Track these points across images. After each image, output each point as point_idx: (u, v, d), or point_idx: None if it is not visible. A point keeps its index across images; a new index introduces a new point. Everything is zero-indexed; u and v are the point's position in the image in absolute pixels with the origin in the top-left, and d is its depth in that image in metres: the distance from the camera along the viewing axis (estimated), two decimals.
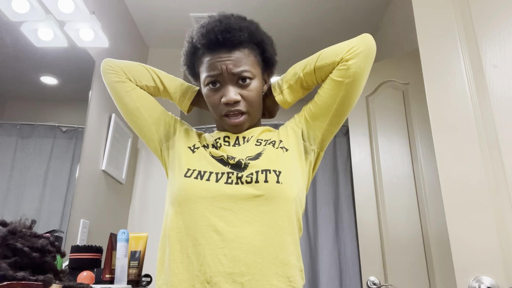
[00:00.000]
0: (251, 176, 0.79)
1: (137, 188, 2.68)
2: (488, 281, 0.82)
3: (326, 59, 0.89)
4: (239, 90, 0.86)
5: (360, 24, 2.73)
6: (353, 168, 2.17)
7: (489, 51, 0.94)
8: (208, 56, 0.86)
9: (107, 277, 1.41)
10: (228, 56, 0.84)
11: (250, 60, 0.87)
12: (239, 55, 0.85)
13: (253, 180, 0.79)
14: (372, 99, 2.19)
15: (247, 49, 0.87)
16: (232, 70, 0.84)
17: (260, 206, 0.77)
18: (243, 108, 0.87)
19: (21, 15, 1.46)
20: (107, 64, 0.96)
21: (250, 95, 0.86)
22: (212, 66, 0.85)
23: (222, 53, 0.85)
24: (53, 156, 1.64)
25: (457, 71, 0.99)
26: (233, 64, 0.84)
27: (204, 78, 0.88)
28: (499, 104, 0.90)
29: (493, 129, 0.90)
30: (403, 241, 1.85)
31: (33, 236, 0.61)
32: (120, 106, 0.96)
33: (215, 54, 0.85)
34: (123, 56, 2.49)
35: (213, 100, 0.87)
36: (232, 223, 0.76)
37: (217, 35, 0.84)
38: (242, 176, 0.80)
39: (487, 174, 0.89)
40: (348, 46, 0.87)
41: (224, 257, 0.74)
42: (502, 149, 0.88)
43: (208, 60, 0.86)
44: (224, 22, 0.86)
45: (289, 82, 0.95)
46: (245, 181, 0.79)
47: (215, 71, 0.85)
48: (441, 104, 0.99)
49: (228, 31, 0.84)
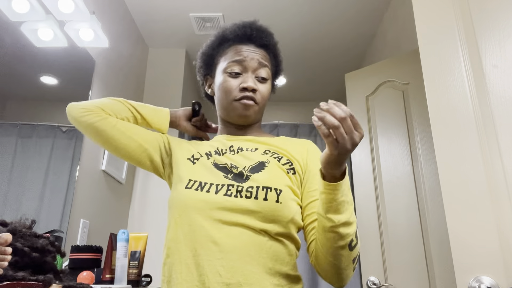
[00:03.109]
0: (251, 191, 0.80)
1: (137, 188, 2.68)
2: (488, 281, 0.82)
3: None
4: (257, 83, 0.91)
5: (360, 24, 2.73)
6: (353, 168, 2.17)
7: (489, 51, 0.94)
8: (236, 45, 0.93)
9: (107, 277, 1.41)
10: (255, 49, 0.93)
11: (270, 64, 0.96)
12: (264, 54, 0.94)
13: (252, 196, 0.79)
14: (372, 99, 2.19)
15: (270, 55, 0.97)
16: (257, 59, 0.91)
17: (256, 223, 0.78)
18: (257, 98, 0.91)
19: (21, 15, 1.46)
20: (78, 108, 0.93)
21: (264, 90, 0.92)
22: (239, 53, 0.91)
23: (250, 46, 0.93)
24: (53, 156, 1.64)
25: (457, 71, 0.99)
26: (259, 59, 0.92)
27: (226, 64, 0.92)
28: (499, 104, 0.90)
29: (493, 129, 0.90)
30: (403, 241, 1.85)
31: (33, 236, 0.61)
32: (110, 145, 0.91)
33: (244, 46, 0.93)
34: (123, 56, 2.49)
35: (230, 85, 0.90)
36: (230, 234, 0.77)
37: (252, 31, 0.93)
38: (242, 190, 0.80)
39: (487, 174, 0.89)
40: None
41: (222, 268, 0.75)
42: (502, 149, 0.88)
43: (236, 48, 0.92)
44: (259, 24, 0.96)
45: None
46: (245, 196, 0.79)
47: (240, 57, 0.91)
48: (441, 104, 0.99)
49: (262, 31, 0.94)
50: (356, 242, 0.74)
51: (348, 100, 2.31)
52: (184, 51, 3.05)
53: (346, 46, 3.01)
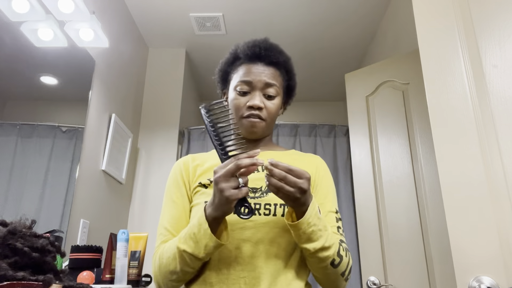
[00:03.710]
0: (269, 209, 0.86)
1: (137, 188, 2.68)
2: (488, 281, 0.82)
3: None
4: (264, 100, 0.96)
5: (360, 24, 2.73)
6: (353, 168, 2.17)
7: (489, 51, 0.94)
8: (246, 65, 0.98)
9: (107, 277, 1.41)
10: (263, 69, 0.97)
11: (279, 81, 0.99)
12: (273, 72, 0.98)
13: (271, 213, 0.86)
14: (372, 99, 2.19)
15: (279, 71, 1.00)
16: (263, 80, 0.96)
17: (275, 237, 0.85)
18: (263, 115, 0.95)
19: (21, 15, 1.45)
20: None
21: (271, 107, 0.97)
22: (248, 73, 0.97)
23: (259, 65, 0.98)
24: (53, 156, 1.64)
25: (457, 71, 0.99)
26: (266, 76, 0.96)
27: (236, 82, 0.98)
28: (499, 104, 0.90)
29: (493, 129, 0.90)
30: (403, 241, 1.85)
31: (33, 236, 0.61)
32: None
33: (253, 65, 0.98)
34: (123, 56, 2.49)
35: (239, 103, 0.96)
36: (251, 254, 0.84)
37: (261, 50, 0.98)
38: (260, 208, 0.86)
39: (487, 174, 0.89)
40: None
41: (245, 286, 0.82)
42: (502, 149, 0.88)
43: (245, 68, 0.98)
44: (268, 42, 1.00)
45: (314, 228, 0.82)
46: (263, 213, 0.86)
47: (249, 77, 0.96)
48: (441, 104, 0.99)
49: (270, 50, 0.98)
50: (339, 260, 0.82)
51: (348, 100, 2.31)
52: (184, 51, 3.05)
53: (346, 46, 3.01)
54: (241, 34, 2.85)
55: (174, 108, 2.91)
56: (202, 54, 3.13)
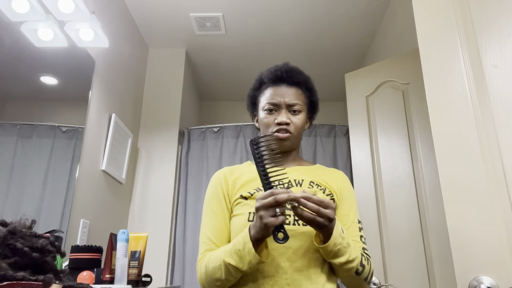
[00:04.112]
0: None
1: (137, 188, 2.68)
2: (488, 281, 0.82)
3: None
4: (290, 116, 1.09)
5: (360, 24, 2.73)
6: (353, 168, 2.17)
7: (489, 51, 0.94)
8: (271, 88, 1.12)
9: (107, 277, 1.41)
10: (286, 89, 1.10)
11: (301, 98, 1.12)
12: (295, 91, 1.11)
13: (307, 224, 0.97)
14: (372, 99, 2.19)
15: (301, 90, 1.13)
16: (287, 100, 1.09)
17: (311, 245, 0.96)
18: (290, 129, 1.08)
19: (21, 15, 1.45)
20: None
21: (297, 121, 1.10)
22: (273, 95, 1.10)
23: (282, 86, 1.11)
24: (53, 156, 1.64)
25: (457, 71, 0.99)
26: (289, 96, 1.09)
27: (264, 103, 1.11)
28: (499, 104, 0.90)
29: (493, 129, 0.90)
30: (403, 241, 1.85)
31: (33, 236, 0.61)
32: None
33: (277, 87, 1.11)
34: (123, 56, 2.49)
35: (268, 121, 1.10)
36: (292, 259, 0.95)
37: (282, 73, 1.11)
38: (298, 219, 0.96)
39: (487, 174, 0.89)
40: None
41: (288, 287, 0.93)
42: (502, 149, 0.88)
43: (271, 90, 1.11)
44: (289, 66, 1.14)
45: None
46: (302, 223, 0.96)
47: (274, 98, 1.09)
48: (441, 104, 0.99)
49: (291, 72, 1.12)
50: (362, 269, 0.94)
51: (348, 100, 2.31)
52: (184, 51, 3.05)
53: (346, 46, 3.01)
54: (241, 34, 2.85)
55: (174, 108, 2.91)
56: (202, 54, 3.13)
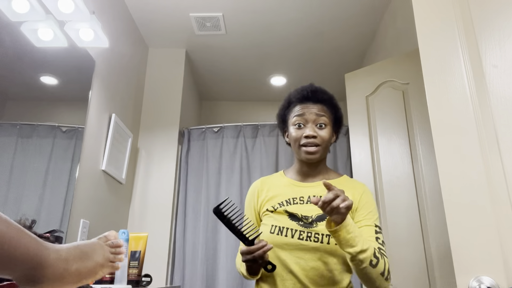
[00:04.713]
0: (318, 237, 1.10)
1: (137, 188, 2.68)
2: (488, 281, 0.82)
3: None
4: (316, 130, 1.19)
5: (360, 24, 2.73)
6: (353, 168, 2.17)
7: (489, 51, 0.94)
8: (298, 105, 1.23)
9: (107, 277, 1.41)
10: (313, 106, 1.21)
11: (327, 113, 1.22)
12: (320, 108, 1.22)
13: (319, 241, 1.10)
14: (372, 99, 2.19)
15: (326, 106, 1.23)
16: (314, 115, 1.20)
17: (321, 257, 1.10)
18: (318, 141, 1.18)
19: (21, 15, 1.45)
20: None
21: (323, 135, 1.19)
22: (301, 111, 1.21)
23: (309, 104, 1.22)
24: (53, 156, 1.64)
25: (457, 71, 0.99)
26: (316, 110, 1.20)
27: (293, 119, 1.22)
28: (499, 104, 0.90)
29: (493, 129, 0.90)
30: (403, 241, 1.85)
31: None
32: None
33: (304, 104, 1.22)
34: (123, 56, 2.49)
35: (297, 135, 1.20)
36: (304, 268, 1.09)
37: (308, 92, 1.23)
38: (311, 236, 1.11)
39: (487, 174, 0.89)
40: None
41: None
42: (502, 149, 0.88)
43: (298, 107, 1.23)
44: (314, 86, 1.26)
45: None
46: (313, 240, 1.10)
47: (302, 114, 1.20)
48: (441, 104, 0.99)
49: (316, 91, 1.23)
50: (377, 261, 1.01)
51: (348, 100, 2.31)
52: (184, 51, 3.05)
53: (346, 46, 3.01)
54: (241, 34, 2.85)
55: (174, 108, 2.91)
56: (202, 54, 3.13)
